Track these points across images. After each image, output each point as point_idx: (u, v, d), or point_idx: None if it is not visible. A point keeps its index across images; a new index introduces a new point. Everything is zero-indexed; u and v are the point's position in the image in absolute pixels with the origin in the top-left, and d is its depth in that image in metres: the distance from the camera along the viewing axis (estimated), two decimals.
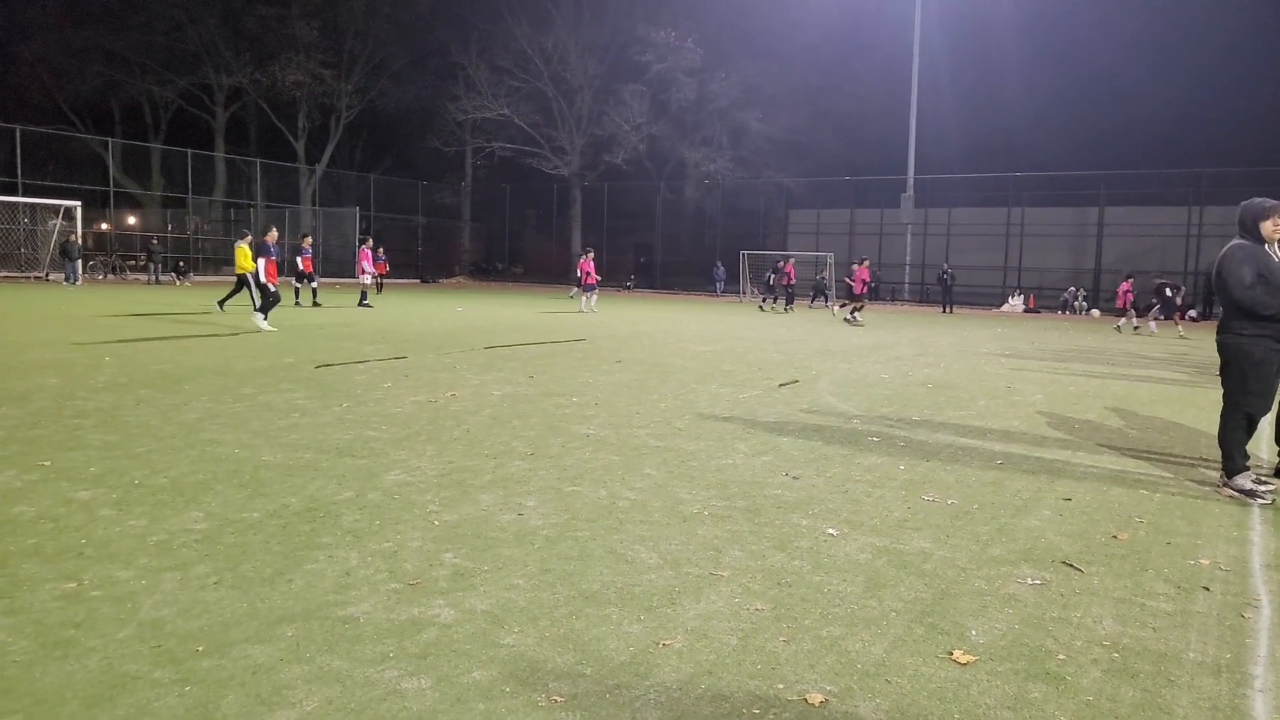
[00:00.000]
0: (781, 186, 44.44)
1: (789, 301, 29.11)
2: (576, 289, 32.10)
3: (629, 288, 43.35)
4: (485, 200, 53.04)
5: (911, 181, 38.63)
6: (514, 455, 6.14)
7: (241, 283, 17.19)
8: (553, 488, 5.33)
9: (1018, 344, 17.96)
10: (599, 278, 24.91)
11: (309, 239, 24.29)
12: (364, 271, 23.69)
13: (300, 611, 3.43)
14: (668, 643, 3.25)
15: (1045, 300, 36.34)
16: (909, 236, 39.89)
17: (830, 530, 4.67)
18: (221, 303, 18.83)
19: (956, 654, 3.21)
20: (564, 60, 43.64)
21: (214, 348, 11.95)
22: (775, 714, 2.77)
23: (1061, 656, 3.24)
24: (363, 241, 24.69)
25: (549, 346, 13.54)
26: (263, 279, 15.81)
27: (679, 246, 47.91)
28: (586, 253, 24.96)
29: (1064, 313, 23.76)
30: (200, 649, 3.10)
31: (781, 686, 2.94)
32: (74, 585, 3.63)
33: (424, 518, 4.65)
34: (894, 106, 39.35)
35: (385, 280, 28.75)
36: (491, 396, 8.60)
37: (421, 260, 48.39)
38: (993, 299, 36.78)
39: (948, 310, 31.82)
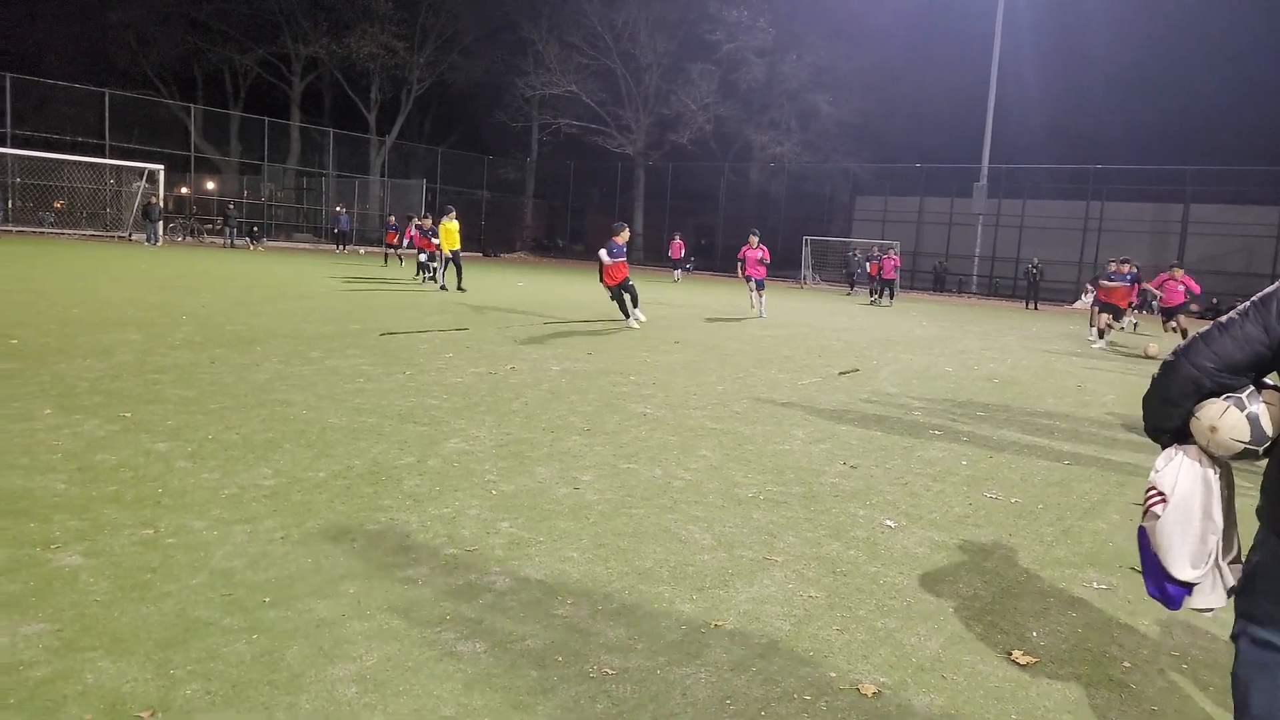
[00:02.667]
0: (849, 172, 43.70)
1: (889, 295, 27.43)
2: (678, 272, 32.09)
3: (689, 270, 43.19)
4: (549, 177, 53.23)
5: (986, 171, 37.65)
6: (571, 430, 6.19)
7: (451, 259, 18.88)
8: (608, 464, 5.36)
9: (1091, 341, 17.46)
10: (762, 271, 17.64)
11: (429, 219, 22.04)
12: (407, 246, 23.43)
13: (361, 570, 3.52)
14: (719, 624, 3.25)
15: None
16: (980, 227, 38.93)
17: (888, 522, 4.62)
18: (458, 285, 19.21)
19: (1016, 654, 3.16)
20: (633, 37, 43.40)
21: (284, 313, 12.26)
22: (827, 701, 2.76)
23: (1126, 664, 3.16)
24: (410, 219, 24.54)
25: (608, 325, 13.59)
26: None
27: (741, 230, 47.48)
28: (752, 236, 17.76)
29: (1141, 312, 22.86)
30: (267, 600, 3.20)
31: (834, 675, 2.93)
32: (151, 532, 3.77)
33: (482, 486, 4.73)
34: (970, 92, 38.28)
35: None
36: (550, 371, 8.67)
37: (484, 234, 48.85)
38: (1064, 295, 35.75)
39: (1032, 306, 30.64)
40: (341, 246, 35.18)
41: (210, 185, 45.18)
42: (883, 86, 42.12)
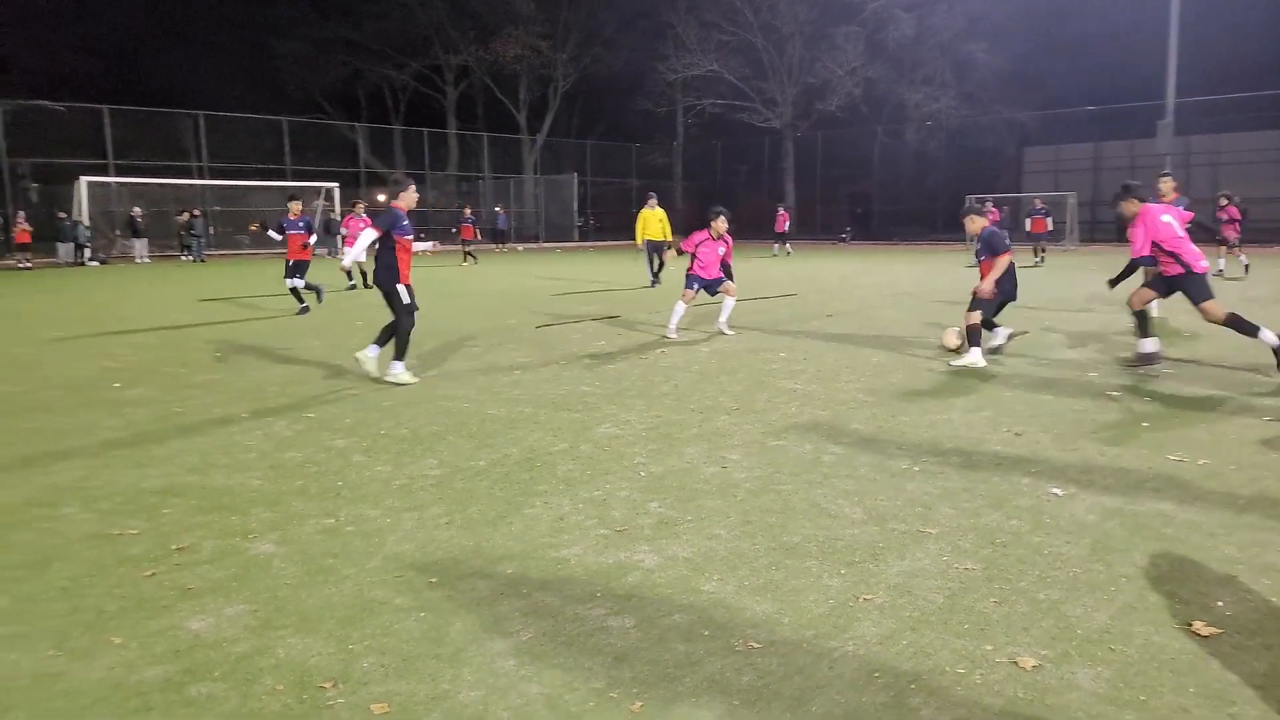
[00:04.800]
0: (1013, 123, 41.12)
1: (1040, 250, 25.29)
2: (779, 245, 30.87)
3: (845, 239, 42.10)
4: (696, 158, 53.18)
5: (1171, 106, 34.40)
6: (720, 410, 6.22)
7: (654, 249, 16.96)
8: (757, 441, 5.35)
9: None
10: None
11: (469, 210, 27.89)
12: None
13: (519, 551, 3.70)
14: (869, 598, 3.20)
15: None
16: (1168, 169, 35.71)
17: (1055, 490, 4.38)
18: (655, 275, 17.50)
19: (1197, 625, 2.93)
20: (773, 8, 42.57)
21: (448, 311, 12.92)
22: (982, 674, 2.67)
23: None
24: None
25: (758, 303, 13.48)
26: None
27: (898, 194, 45.73)
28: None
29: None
30: (434, 580, 3.42)
31: (990, 648, 2.83)
32: (332, 521, 4.11)
33: (632, 469, 4.84)
34: (1146, 23, 35.07)
35: (598, 242, 29.51)
36: (700, 353, 8.72)
37: (634, 222, 49.57)
38: (1271, 236, 32.23)
39: (1234, 252, 27.52)
40: (501, 245, 36.60)
41: (380, 197, 48.01)
42: (1044, 28, 39.35)
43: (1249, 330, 7.15)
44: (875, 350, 8.70)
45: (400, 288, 7.34)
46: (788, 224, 31.95)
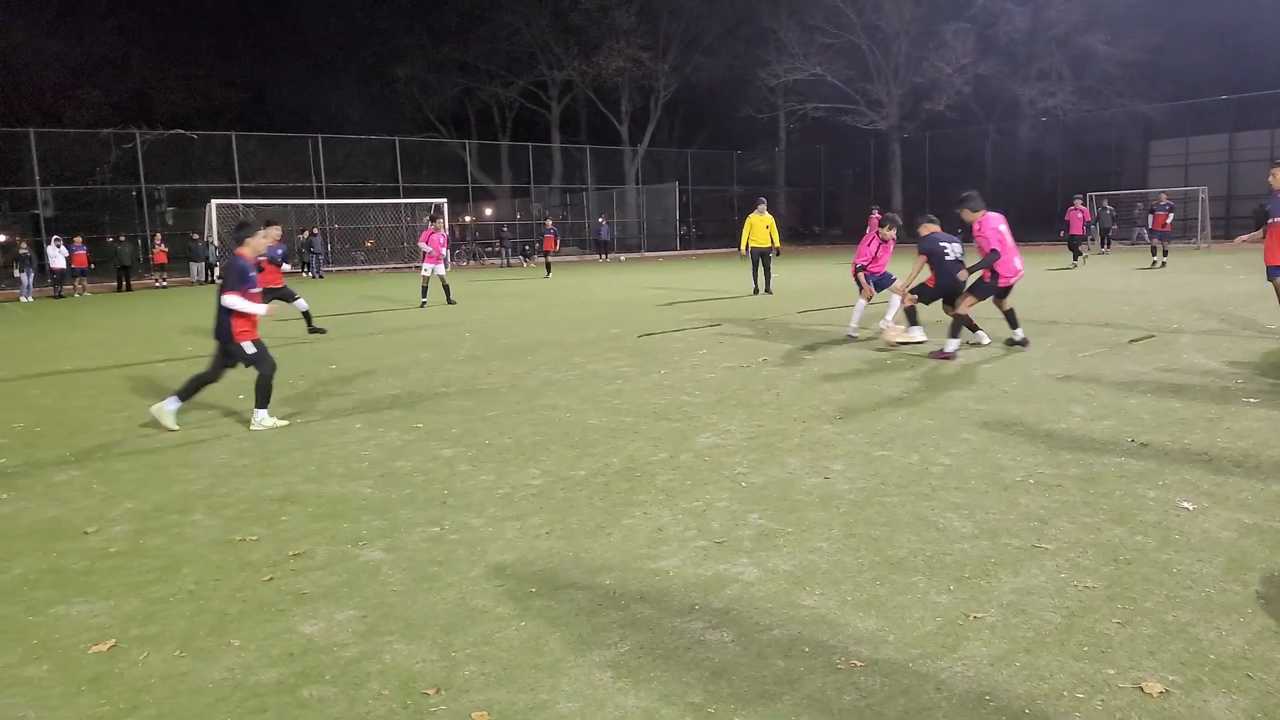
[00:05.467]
0: (1137, 116, 38.99)
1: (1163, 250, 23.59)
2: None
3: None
4: (799, 164, 52.52)
5: None
6: (823, 419, 6.09)
7: (759, 256, 16.51)
8: (861, 452, 5.22)
9: None
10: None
11: (550, 221, 28.12)
12: (429, 258, 17.43)
13: (618, 562, 3.71)
14: (979, 616, 3.07)
15: None
16: None
17: (1185, 504, 4.10)
18: (765, 283, 16.96)
19: None
20: (878, 9, 41.70)
21: (551, 322, 13.13)
22: (1103, 700, 2.52)
23: None
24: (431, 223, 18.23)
25: (868, 309, 13.16)
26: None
27: (1013, 194, 43.93)
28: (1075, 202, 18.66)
29: None
30: (534, 590, 3.46)
31: (1112, 671, 2.66)
32: (438, 529, 4.22)
33: (732, 479, 4.79)
34: None
35: (700, 250, 29.42)
36: (802, 360, 8.58)
37: (738, 229, 49.35)
38: None
39: None
40: (604, 255, 37.02)
41: (488, 211, 49.36)
42: (1170, 15, 37.19)
43: None
44: (986, 358, 8.37)
45: (243, 345, 6.58)
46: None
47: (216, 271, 29.50)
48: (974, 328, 9.12)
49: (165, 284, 28.60)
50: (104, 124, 36.34)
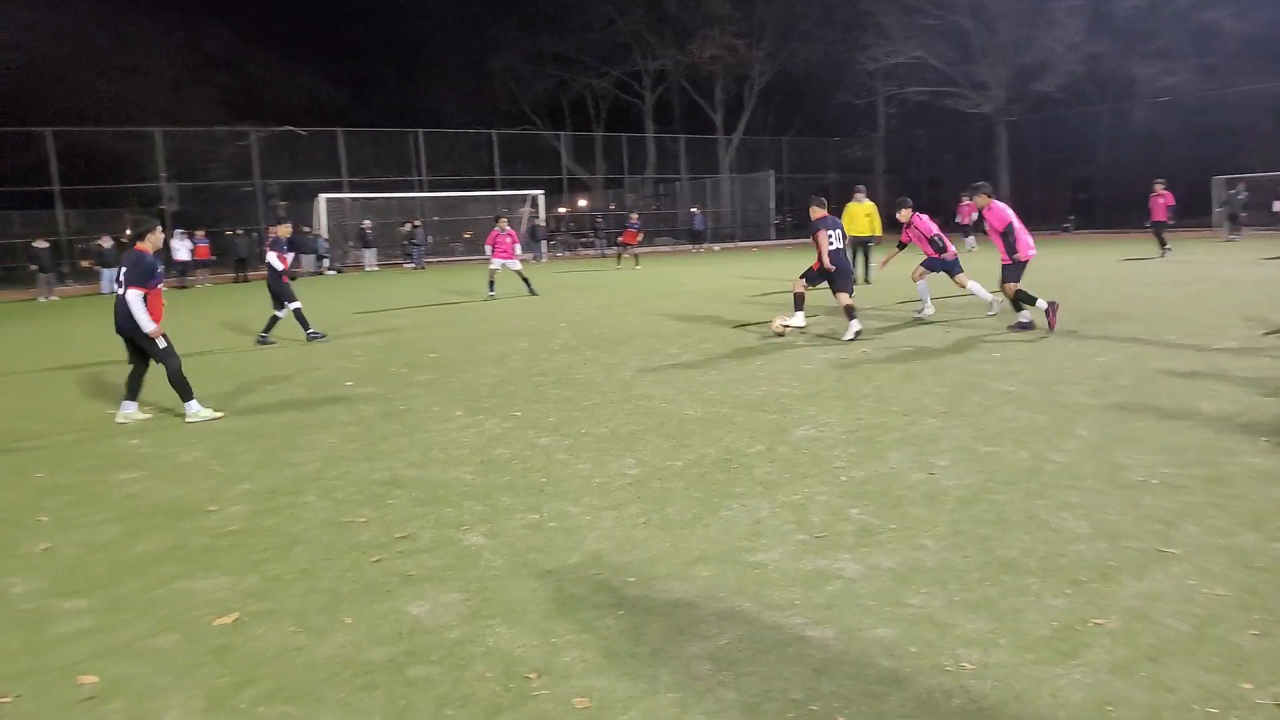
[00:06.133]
0: (1265, 94, 36.54)
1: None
2: (971, 240, 27.30)
3: (1066, 229, 39.09)
4: (899, 150, 51.13)
5: None
6: (926, 413, 5.92)
7: (858, 245, 15.90)
8: (967, 447, 5.04)
9: None
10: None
11: (636, 215, 27.83)
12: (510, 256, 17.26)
13: (715, 554, 3.68)
14: (1099, 622, 2.92)
15: None
16: None
17: None
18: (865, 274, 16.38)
19: None
20: None
21: (645, 313, 13.15)
22: (1238, 716, 2.36)
23: None
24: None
25: (968, 299, 12.74)
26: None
27: (1127, 180, 41.76)
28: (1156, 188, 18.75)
29: None
30: (631, 580, 3.47)
31: (1248, 686, 2.50)
32: (536, 517, 4.27)
33: (831, 473, 4.70)
34: None
35: (795, 240, 28.93)
36: (903, 352, 8.36)
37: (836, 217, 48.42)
38: None
39: None
40: (698, 245, 36.89)
41: (582, 202, 49.78)
42: None
43: None
44: (1100, 349, 7.99)
45: (157, 340, 6.78)
46: (973, 215, 28.98)
47: (326, 263, 30.70)
48: (1021, 305, 9.37)
49: None
50: (218, 122, 38.20)
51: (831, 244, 9.51)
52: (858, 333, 9.36)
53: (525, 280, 17.32)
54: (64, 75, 38.23)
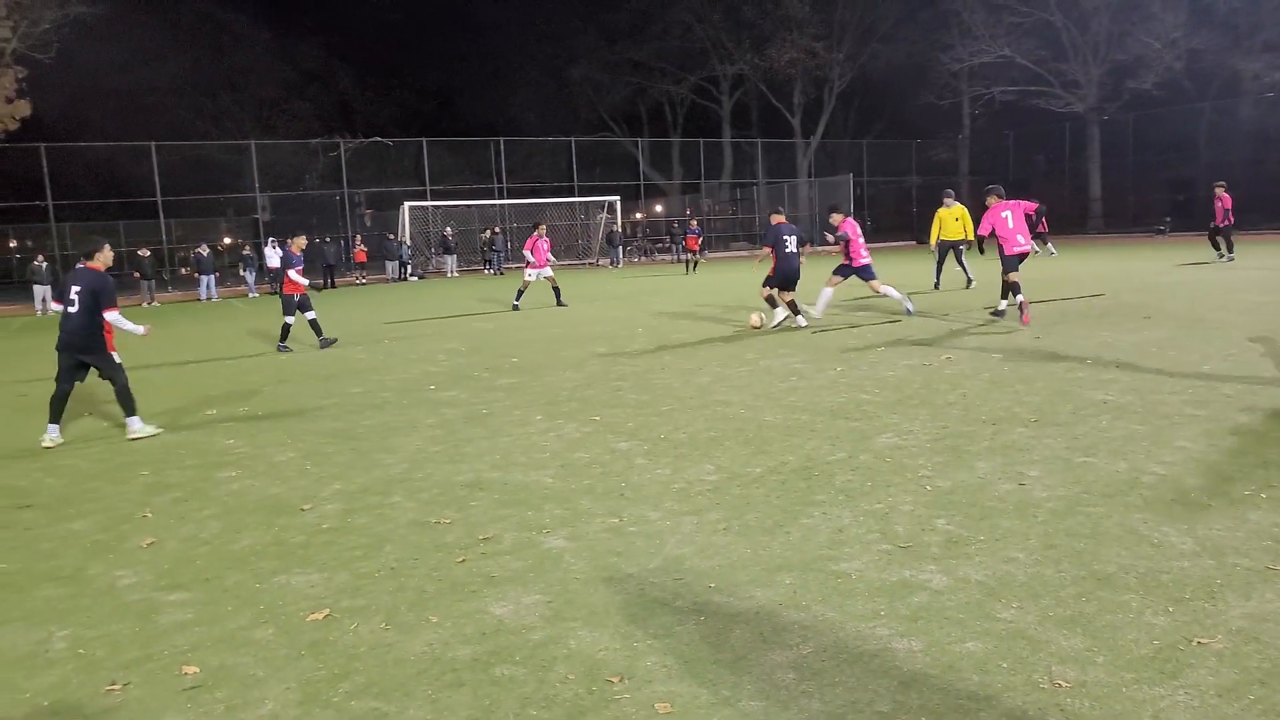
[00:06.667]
0: None
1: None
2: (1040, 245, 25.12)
3: (1162, 231, 37.50)
4: (985, 151, 49.78)
5: None
6: (1015, 421, 5.74)
7: (951, 249, 15.62)
8: (1060, 458, 4.88)
9: None
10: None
11: (695, 221, 29.19)
12: (531, 265, 16.60)
13: (797, 562, 3.64)
14: (1204, 641, 2.79)
15: None
16: None
17: None
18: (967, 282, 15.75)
19: None
20: None
21: (721, 318, 13.10)
22: None
23: None
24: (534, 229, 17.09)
25: (1060, 304, 12.34)
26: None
27: (1231, 179, 39.72)
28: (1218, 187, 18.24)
29: None
30: (712, 585, 3.46)
31: None
32: (616, 521, 4.29)
33: (915, 482, 4.60)
34: None
35: (875, 244, 28.41)
36: (991, 359, 8.13)
37: (916, 221, 47.39)
38: None
39: None
40: None
41: (658, 208, 49.92)
42: None
43: None
44: (1204, 357, 7.63)
45: (113, 355, 7.00)
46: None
47: (410, 269, 31.49)
48: (1006, 294, 10.90)
49: (364, 281, 30.79)
50: (311, 134, 39.61)
51: (788, 248, 10.94)
52: (780, 322, 11.02)
53: (556, 289, 16.91)
54: (170, 93, 40.27)
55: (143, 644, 3.27)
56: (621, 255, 34.75)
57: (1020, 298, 10.36)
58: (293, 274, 12.07)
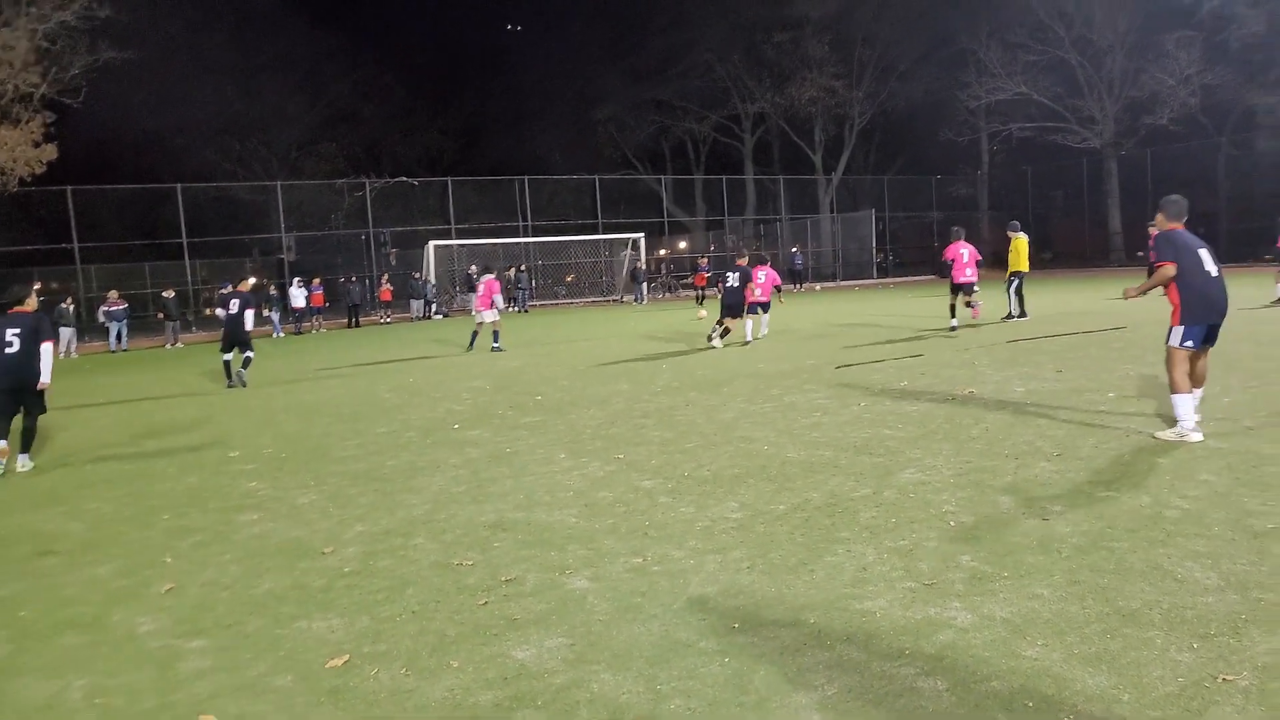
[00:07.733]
0: None
1: None
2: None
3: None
4: (1003, 187, 49.82)
5: None
6: (1038, 455, 5.72)
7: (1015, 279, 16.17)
8: (1083, 492, 4.86)
9: None
10: None
11: (705, 259, 30.12)
12: (486, 307, 16.54)
13: (821, 601, 3.65)
14: (1229, 678, 2.77)
15: None
16: None
17: None
18: (1020, 311, 16.25)
19: None
20: (1088, 22, 39.01)
21: (745, 354, 13.14)
22: None
23: None
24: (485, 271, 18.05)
25: (1081, 337, 12.29)
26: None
27: (1249, 212, 39.50)
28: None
29: None
30: (736, 626, 3.47)
31: None
32: (640, 560, 4.32)
33: (939, 518, 4.60)
34: None
35: (897, 279, 28.38)
36: (1013, 393, 8.11)
37: (937, 256, 47.37)
38: None
39: None
40: (798, 284, 36.70)
41: (682, 244, 50.26)
42: None
43: None
44: (1226, 389, 7.57)
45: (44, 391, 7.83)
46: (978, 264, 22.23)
47: (434, 307, 31.81)
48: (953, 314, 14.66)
49: (389, 320, 31.13)
50: (338, 175, 40.34)
51: (728, 282, 14.16)
52: (715, 343, 13.92)
53: (495, 333, 16.43)
54: (197, 135, 41.20)
55: (161, 692, 3.31)
56: (645, 292, 34.92)
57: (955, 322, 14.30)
58: (250, 315, 13.19)
